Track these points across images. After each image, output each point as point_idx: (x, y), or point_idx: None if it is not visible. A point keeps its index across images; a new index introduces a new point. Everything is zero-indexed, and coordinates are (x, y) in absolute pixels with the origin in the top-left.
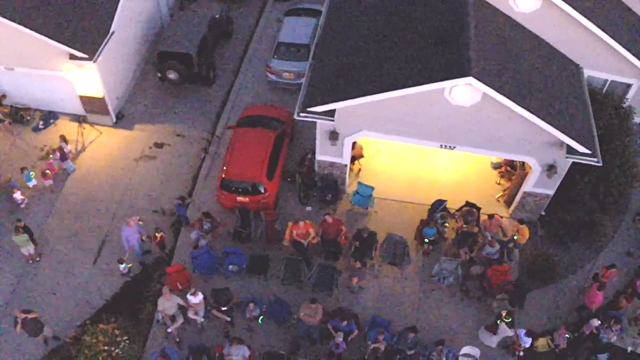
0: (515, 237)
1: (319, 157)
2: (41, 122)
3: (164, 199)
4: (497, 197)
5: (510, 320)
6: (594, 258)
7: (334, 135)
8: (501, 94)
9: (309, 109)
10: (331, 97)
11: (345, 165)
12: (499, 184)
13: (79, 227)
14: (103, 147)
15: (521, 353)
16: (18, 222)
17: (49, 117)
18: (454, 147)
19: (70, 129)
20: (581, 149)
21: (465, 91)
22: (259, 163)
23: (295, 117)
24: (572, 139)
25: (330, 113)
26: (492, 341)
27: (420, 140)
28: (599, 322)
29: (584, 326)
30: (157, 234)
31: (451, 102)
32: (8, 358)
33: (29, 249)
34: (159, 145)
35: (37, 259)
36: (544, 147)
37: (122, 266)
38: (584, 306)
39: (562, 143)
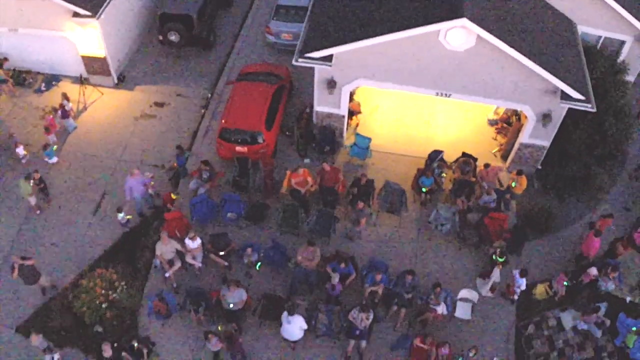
0: (513, 184)
1: (317, 108)
2: (43, 85)
3: (164, 154)
4: (493, 151)
5: (503, 259)
6: (590, 211)
7: (331, 84)
8: (495, 36)
9: (307, 55)
10: (329, 42)
11: (343, 116)
12: (495, 139)
13: (79, 181)
14: (104, 107)
15: (515, 297)
16: (35, 172)
17: (52, 79)
18: (450, 94)
19: (72, 90)
20: (575, 94)
21: (459, 34)
22: (258, 113)
23: (294, 62)
24: (566, 84)
25: (328, 59)
26: (486, 286)
27: (416, 88)
28: (597, 271)
29: (582, 275)
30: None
31: (446, 47)
32: (7, 308)
33: (32, 199)
34: (159, 105)
35: (38, 211)
36: (538, 95)
37: (120, 215)
38: (582, 255)
39: (556, 90)
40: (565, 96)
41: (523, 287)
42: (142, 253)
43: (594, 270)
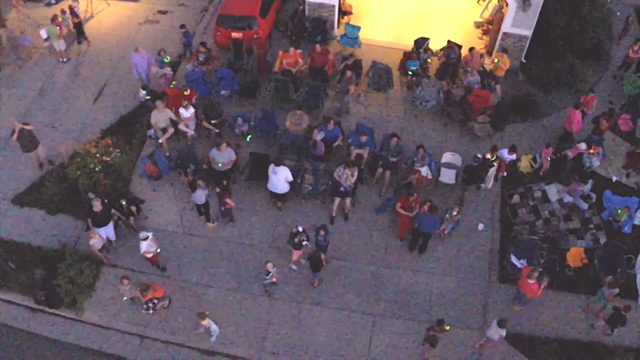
0: (496, 60)
1: None
2: None
3: (168, 52)
4: (479, 49)
5: (495, 157)
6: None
7: None
8: None
9: None
10: None
11: (334, 6)
12: (481, 38)
13: (83, 72)
14: (109, 15)
15: (505, 173)
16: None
17: None
18: None
19: (80, 2)
20: None
21: None
22: (254, 1)
23: None
24: None
25: None
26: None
27: None
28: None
29: (568, 150)
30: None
31: None
32: (5, 180)
33: (59, 44)
34: (163, 12)
35: (64, 58)
36: None
37: (142, 92)
38: (566, 134)
39: None
40: None
41: (511, 159)
42: (139, 128)
43: (582, 145)
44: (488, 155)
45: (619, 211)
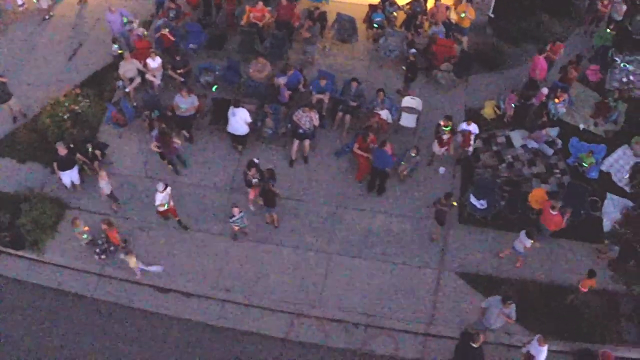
0: (462, 15)
1: None
2: None
3: (143, 10)
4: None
5: (449, 127)
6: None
7: None
8: None
9: None
10: None
11: None
12: None
13: (61, 33)
14: None
15: (471, 148)
16: None
17: None
18: None
19: None
20: None
21: None
22: None
23: None
24: None
25: None
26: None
27: None
28: (548, 90)
29: (532, 98)
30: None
31: None
32: None
33: (43, 1)
34: None
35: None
36: None
37: (115, 47)
38: (531, 81)
39: None
40: None
41: (476, 131)
42: (110, 80)
43: (545, 90)
44: (441, 122)
45: (584, 157)
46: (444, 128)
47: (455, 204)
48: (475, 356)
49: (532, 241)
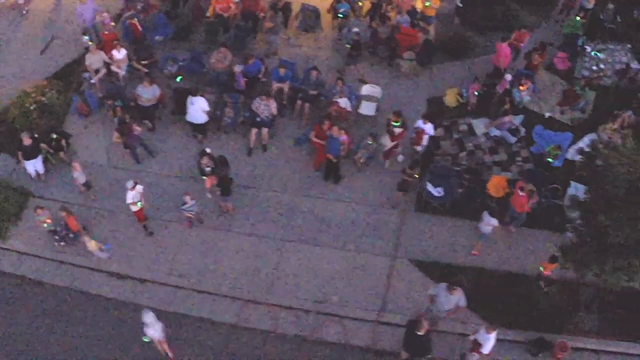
0: (427, 4)
1: None
2: None
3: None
4: None
5: (399, 123)
6: None
7: None
8: None
9: None
10: None
11: None
12: None
13: (34, 27)
14: None
15: (420, 146)
16: None
17: None
18: None
19: None
20: None
21: None
22: None
23: None
24: None
25: None
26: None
27: None
28: (512, 77)
29: (496, 86)
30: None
31: None
32: None
33: None
34: None
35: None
36: None
37: (85, 38)
38: (495, 69)
39: None
40: None
41: (431, 132)
42: (78, 71)
43: (508, 77)
44: (391, 117)
45: (551, 150)
46: (393, 123)
47: (417, 176)
48: (421, 343)
49: (496, 220)
